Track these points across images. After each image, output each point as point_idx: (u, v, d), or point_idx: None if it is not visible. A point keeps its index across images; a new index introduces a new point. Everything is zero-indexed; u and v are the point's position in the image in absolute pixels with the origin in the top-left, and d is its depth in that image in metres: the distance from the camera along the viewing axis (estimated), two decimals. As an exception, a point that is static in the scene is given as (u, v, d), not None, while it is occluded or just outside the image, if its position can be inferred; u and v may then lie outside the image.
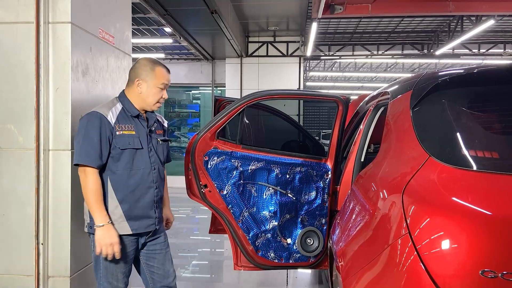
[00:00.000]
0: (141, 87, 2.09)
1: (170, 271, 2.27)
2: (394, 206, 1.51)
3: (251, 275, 3.96)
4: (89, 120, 2.00)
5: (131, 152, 2.04)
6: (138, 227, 2.09)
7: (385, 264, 1.44)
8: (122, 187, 2.04)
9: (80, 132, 2.00)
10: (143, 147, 2.08)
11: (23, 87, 2.23)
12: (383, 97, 2.46)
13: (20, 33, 2.22)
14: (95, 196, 1.96)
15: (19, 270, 2.29)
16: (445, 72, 1.91)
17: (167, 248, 2.28)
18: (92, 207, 1.97)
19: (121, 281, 2.10)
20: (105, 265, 2.06)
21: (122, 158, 2.03)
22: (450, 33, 8.67)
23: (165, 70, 2.14)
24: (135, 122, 2.10)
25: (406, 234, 1.36)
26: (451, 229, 1.30)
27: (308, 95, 3.26)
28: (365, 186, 1.95)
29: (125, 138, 2.03)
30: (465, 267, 1.24)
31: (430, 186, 1.49)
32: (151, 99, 2.10)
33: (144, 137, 2.11)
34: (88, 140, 1.96)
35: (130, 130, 2.05)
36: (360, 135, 2.60)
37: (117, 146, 2.01)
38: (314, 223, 2.86)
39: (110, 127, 2.00)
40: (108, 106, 2.07)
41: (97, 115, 2.00)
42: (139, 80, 2.09)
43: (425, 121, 1.74)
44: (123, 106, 2.10)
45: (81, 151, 1.97)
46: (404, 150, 1.72)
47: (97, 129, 1.97)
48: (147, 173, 2.09)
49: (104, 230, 1.96)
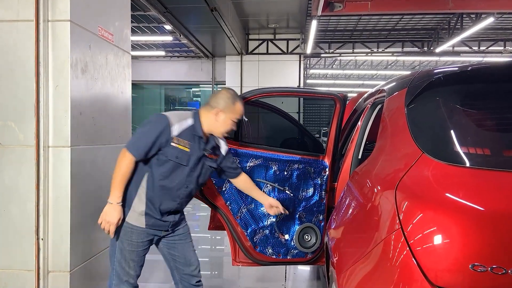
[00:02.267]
0: (219, 117, 2.21)
1: (192, 260, 2.35)
2: (387, 202, 1.53)
3: (250, 271, 3.99)
4: (157, 121, 2.11)
5: (174, 165, 2.14)
6: (152, 224, 2.19)
7: (378, 259, 1.46)
8: (152, 189, 2.14)
9: (146, 126, 2.11)
10: (187, 165, 2.16)
11: (23, 85, 2.26)
12: (380, 94, 2.48)
13: (20, 31, 2.25)
14: (122, 178, 2.08)
15: (19, 265, 2.33)
16: (440, 70, 1.92)
17: (188, 239, 2.36)
18: (114, 185, 2.09)
19: (132, 268, 2.18)
20: (121, 248, 2.15)
21: (164, 166, 2.12)
22: (450, 30, 8.67)
23: (242, 106, 2.27)
24: (194, 141, 2.18)
25: (399, 230, 1.38)
26: (442, 225, 1.32)
27: (306, 92, 3.28)
28: (360, 182, 1.97)
29: (176, 151, 2.12)
30: (456, 262, 1.26)
31: (423, 182, 1.51)
32: (223, 129, 2.23)
33: (195, 158, 2.18)
34: (145, 136, 2.08)
35: (185, 146, 2.14)
36: (358, 132, 2.62)
37: (165, 155, 2.11)
38: (312, 219, 2.88)
39: (168, 137, 2.09)
40: (180, 118, 2.16)
41: (165, 121, 2.10)
42: (219, 110, 2.20)
43: (419, 118, 1.76)
44: (193, 124, 2.18)
45: (135, 141, 2.10)
46: (399, 147, 1.74)
47: (157, 131, 2.07)
48: (177, 188, 2.18)
49: (111, 208, 2.07)
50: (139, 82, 11.97)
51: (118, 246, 2.17)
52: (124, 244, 2.15)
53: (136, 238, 2.15)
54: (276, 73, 9.96)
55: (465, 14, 7.68)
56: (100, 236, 2.68)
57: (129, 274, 2.18)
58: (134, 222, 2.14)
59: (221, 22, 6.96)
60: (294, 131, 4.11)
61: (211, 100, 2.24)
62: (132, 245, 2.15)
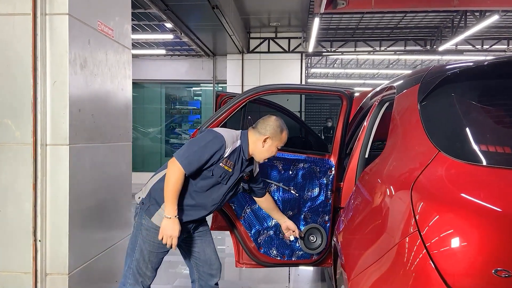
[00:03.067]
0: (266, 144, 2.24)
1: (213, 258, 2.34)
2: (402, 203, 1.46)
3: (252, 273, 3.91)
4: (214, 140, 2.12)
5: (215, 182, 2.16)
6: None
7: (392, 263, 1.39)
8: (186, 198, 2.17)
9: (201, 142, 2.12)
10: (226, 184, 2.19)
11: (20, 81, 2.18)
12: (388, 91, 2.41)
13: (17, 25, 2.17)
14: (175, 192, 2.07)
15: (16, 267, 2.25)
16: (454, 65, 1.85)
17: (207, 236, 2.36)
18: (169, 199, 2.07)
19: (150, 269, 2.18)
20: (141, 249, 2.14)
21: (206, 181, 2.15)
22: (454, 29, 8.59)
23: (287, 135, 2.29)
24: (238, 163, 2.20)
25: (415, 232, 1.31)
26: (462, 227, 1.26)
27: (311, 89, 3.20)
28: (371, 183, 1.90)
29: (221, 170, 2.15)
30: (477, 266, 1.19)
31: (440, 182, 1.44)
32: (266, 155, 2.26)
33: (234, 179, 2.21)
34: (201, 153, 2.09)
35: (229, 167, 2.17)
36: (364, 131, 2.54)
37: (210, 171, 2.13)
38: (317, 220, 2.81)
39: (220, 157, 2.12)
40: (233, 140, 2.18)
41: (222, 142, 2.12)
42: (267, 137, 2.23)
43: (433, 115, 1.69)
44: (241, 145, 2.21)
45: (189, 156, 2.09)
46: (412, 145, 1.67)
47: (212, 151, 2.09)
48: (212, 203, 2.21)
49: (170, 222, 2.06)
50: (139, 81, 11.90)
51: (139, 245, 2.15)
52: (146, 244, 2.14)
53: (159, 240, 2.12)
54: (278, 72, 9.87)
55: (469, 12, 7.59)
56: (99, 238, 2.61)
57: (145, 275, 2.16)
58: (159, 223, 2.11)
59: (223, 20, 6.87)
60: (298, 130, 4.04)
61: (260, 126, 2.27)
62: (153, 246, 2.14)
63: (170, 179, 2.06)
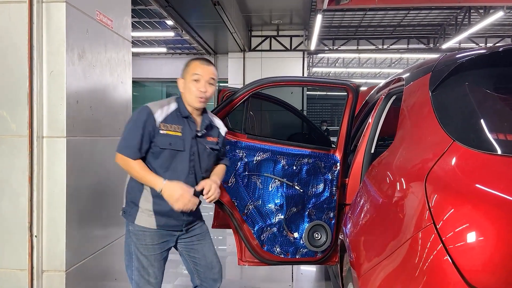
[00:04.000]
0: (180, 86, 2.07)
1: (214, 262, 2.19)
2: (415, 195, 1.39)
3: (254, 271, 3.84)
4: (139, 113, 1.97)
5: (171, 152, 1.98)
6: (164, 224, 2.02)
7: (405, 258, 1.32)
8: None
9: (129, 123, 1.98)
10: (184, 150, 2.01)
11: (15, 71, 2.10)
12: (396, 84, 2.34)
13: (13, 13, 2.10)
14: (144, 171, 1.94)
15: (11, 264, 2.18)
16: (466, 53, 1.78)
17: (206, 239, 2.20)
18: (147, 179, 1.95)
19: (152, 275, 2.02)
20: (137, 255, 2.00)
21: (161, 157, 1.97)
22: (457, 26, 8.51)
23: (199, 62, 2.06)
24: (184, 123, 2.02)
25: (430, 225, 1.24)
26: (482, 219, 1.18)
27: (316, 82, 3.12)
28: (380, 176, 1.82)
29: (167, 138, 1.97)
30: (498, 261, 1.11)
31: (456, 172, 1.37)
32: (188, 94, 2.03)
33: (189, 141, 2.02)
34: (132, 132, 1.94)
35: (176, 131, 1.99)
36: (370, 125, 2.47)
37: (157, 145, 1.96)
38: (322, 216, 2.74)
39: (153, 124, 1.95)
40: (161, 104, 2.02)
41: (147, 110, 1.96)
42: (179, 79, 2.07)
43: (446, 104, 1.62)
44: (177, 107, 2.04)
45: (123, 141, 1.96)
46: (425, 135, 1.60)
47: (141, 123, 1.94)
48: (183, 177, 2.01)
49: (167, 188, 1.92)
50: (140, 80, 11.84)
51: (134, 254, 2.01)
52: (139, 249, 1.99)
53: (150, 241, 1.99)
54: (279, 70, 9.80)
55: (473, 9, 7.51)
56: (98, 234, 2.53)
57: (149, 282, 2.00)
58: (144, 224, 1.98)
59: (224, 16, 6.81)
60: (301, 125, 3.97)
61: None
62: (148, 249, 1.99)
63: (129, 171, 1.95)
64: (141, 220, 1.98)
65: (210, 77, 2.02)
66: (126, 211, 2.03)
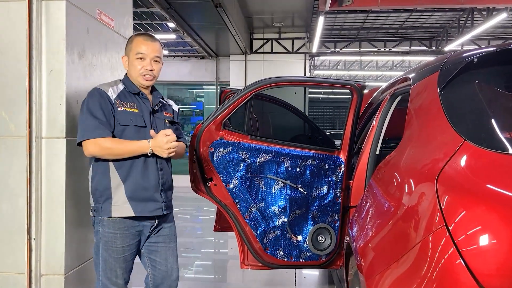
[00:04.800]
0: (125, 63, 2.02)
1: (174, 268, 2.11)
2: (425, 197, 1.35)
3: (256, 275, 3.79)
4: (90, 97, 1.91)
5: (134, 129, 1.93)
6: (142, 210, 1.94)
7: (416, 262, 1.27)
8: (124, 165, 1.92)
9: (83, 110, 1.91)
10: (146, 126, 1.97)
11: (14, 70, 2.07)
12: (401, 84, 2.30)
13: (12, 11, 2.06)
14: (124, 143, 1.89)
15: (9, 267, 2.13)
16: (475, 51, 1.74)
17: (172, 243, 2.12)
18: (132, 148, 1.89)
19: (120, 277, 1.96)
20: (105, 258, 1.94)
21: (124, 136, 1.92)
22: (460, 28, 8.47)
23: (142, 38, 1.99)
24: (137, 100, 1.99)
25: (442, 227, 1.19)
26: (496, 220, 1.14)
27: (319, 82, 3.08)
28: (387, 177, 1.78)
29: (127, 114, 1.92)
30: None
31: (468, 172, 1.32)
32: (133, 73, 1.99)
33: (148, 116, 1.99)
34: (93, 113, 1.87)
35: (132, 107, 1.95)
36: (375, 126, 2.43)
37: (118, 122, 1.90)
38: (326, 219, 2.69)
39: (110, 101, 1.91)
40: (109, 84, 1.99)
41: (97, 91, 1.91)
42: (123, 56, 2.03)
43: (456, 103, 1.58)
44: (124, 86, 2.01)
45: (87, 127, 1.87)
46: (434, 135, 1.55)
47: (98, 104, 1.87)
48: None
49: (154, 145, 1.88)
50: (142, 82, 11.79)
51: (102, 256, 1.94)
52: (108, 252, 1.93)
53: (121, 243, 1.93)
54: (281, 73, 9.75)
55: (476, 10, 7.48)
56: (98, 237, 2.49)
57: (117, 284, 1.95)
58: (121, 214, 1.91)
59: (226, 18, 6.78)
60: (304, 127, 3.92)
61: None
62: (117, 252, 1.93)
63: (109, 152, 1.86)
64: (117, 211, 1.91)
65: (155, 55, 1.98)
66: (98, 209, 1.94)
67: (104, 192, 1.93)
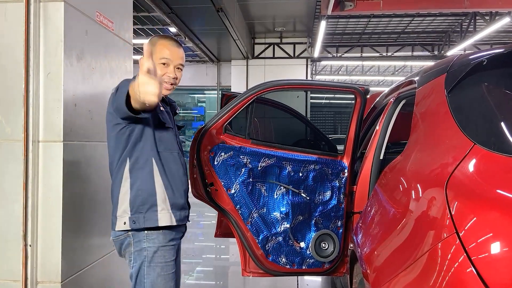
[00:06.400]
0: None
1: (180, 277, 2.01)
2: (434, 202, 1.30)
3: (258, 282, 3.73)
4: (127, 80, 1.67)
5: (169, 131, 1.79)
6: (179, 218, 1.80)
7: (424, 270, 1.22)
8: (166, 170, 1.77)
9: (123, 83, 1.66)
10: (172, 127, 1.83)
11: (11, 72, 2.03)
12: (406, 87, 2.25)
13: (9, 13, 2.03)
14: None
15: (5, 274, 2.08)
16: (482, 53, 1.70)
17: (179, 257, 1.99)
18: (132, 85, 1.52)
19: None
20: (152, 280, 1.72)
21: (163, 134, 1.76)
22: (462, 33, 8.44)
23: (168, 42, 1.80)
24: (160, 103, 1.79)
25: (453, 234, 1.14)
26: (510, 227, 1.08)
27: (322, 85, 3.03)
28: (394, 182, 1.73)
29: (165, 115, 1.77)
30: (531, 274, 1.01)
31: (479, 177, 1.27)
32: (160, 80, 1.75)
33: (171, 116, 1.86)
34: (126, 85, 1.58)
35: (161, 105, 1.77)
36: (379, 130, 2.38)
37: (163, 122, 1.74)
38: (329, 225, 2.63)
39: None
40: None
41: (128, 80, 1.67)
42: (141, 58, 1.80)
43: (465, 106, 1.54)
44: None
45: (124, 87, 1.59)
46: (442, 139, 1.51)
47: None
48: (179, 156, 1.84)
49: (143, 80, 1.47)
50: (143, 87, 11.77)
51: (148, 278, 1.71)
52: (156, 270, 1.71)
53: (170, 257, 1.75)
54: (283, 78, 9.77)
55: (479, 15, 7.44)
56: (95, 244, 2.43)
57: None
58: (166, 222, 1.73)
59: (227, 23, 6.76)
60: (306, 132, 3.87)
61: None
62: (167, 268, 1.74)
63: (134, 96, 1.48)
64: (163, 220, 1.73)
65: (179, 63, 1.80)
66: (138, 220, 1.73)
67: (147, 199, 1.74)
